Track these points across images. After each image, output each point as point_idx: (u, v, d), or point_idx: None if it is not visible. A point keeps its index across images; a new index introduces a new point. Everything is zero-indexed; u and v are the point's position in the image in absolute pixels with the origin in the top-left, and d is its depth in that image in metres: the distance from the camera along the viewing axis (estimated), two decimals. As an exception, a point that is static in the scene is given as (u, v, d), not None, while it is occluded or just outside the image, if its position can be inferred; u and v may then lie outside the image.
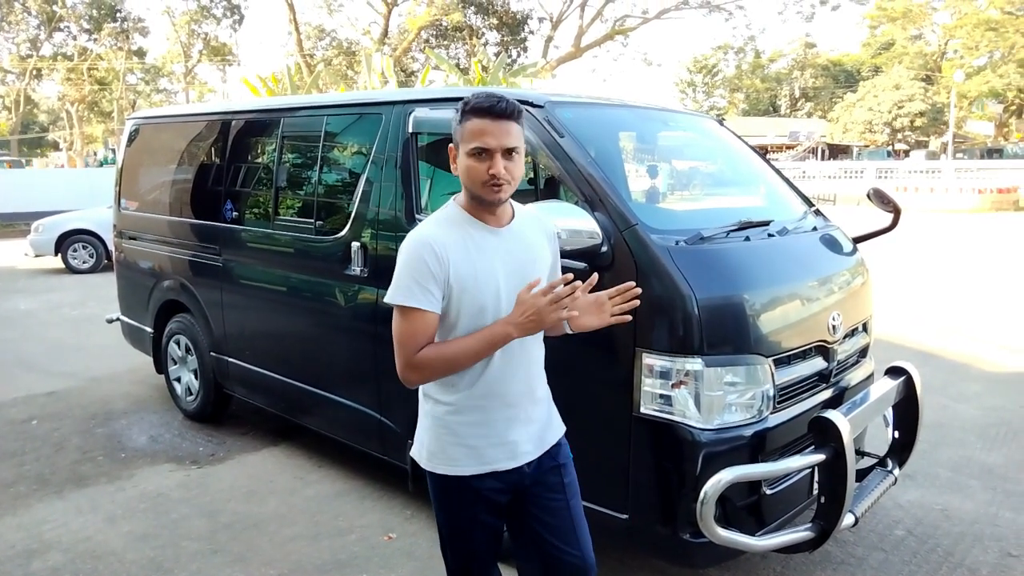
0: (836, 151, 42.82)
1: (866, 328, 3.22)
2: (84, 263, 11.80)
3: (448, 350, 1.71)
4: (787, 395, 2.60)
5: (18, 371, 6.06)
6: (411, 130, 3.18)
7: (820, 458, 2.43)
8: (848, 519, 2.50)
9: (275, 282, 3.94)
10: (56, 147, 49.01)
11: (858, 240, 3.40)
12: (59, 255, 11.71)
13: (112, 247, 5.75)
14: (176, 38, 40.82)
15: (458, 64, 24.36)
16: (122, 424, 4.77)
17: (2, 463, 4.16)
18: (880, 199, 3.39)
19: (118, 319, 5.55)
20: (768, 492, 2.54)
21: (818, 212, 3.44)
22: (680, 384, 2.37)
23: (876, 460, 3.01)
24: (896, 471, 2.93)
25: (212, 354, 4.44)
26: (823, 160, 38.32)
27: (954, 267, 11.48)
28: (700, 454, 2.35)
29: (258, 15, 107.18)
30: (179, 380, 4.87)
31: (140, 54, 43.07)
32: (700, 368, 2.35)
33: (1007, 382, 5.53)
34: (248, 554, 3.16)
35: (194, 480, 3.91)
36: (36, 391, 5.48)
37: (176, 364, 4.87)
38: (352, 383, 3.55)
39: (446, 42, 31.11)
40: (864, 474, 2.88)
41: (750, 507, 2.53)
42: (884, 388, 2.85)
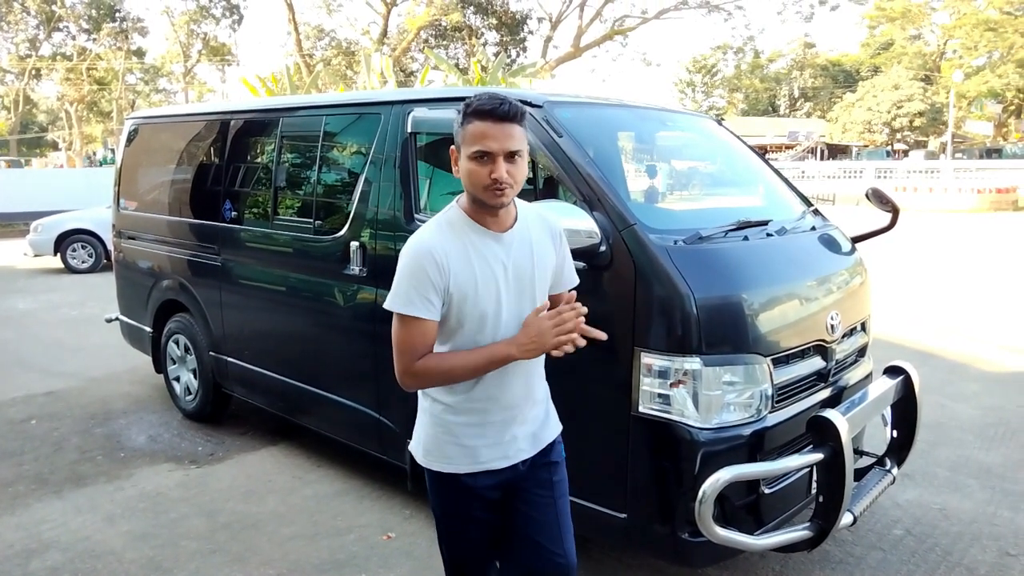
0: (835, 151, 42.83)
1: (864, 328, 3.22)
2: (83, 263, 11.79)
3: (447, 364, 1.72)
4: (785, 394, 2.60)
5: (17, 371, 6.06)
6: (410, 130, 3.18)
7: (818, 457, 2.44)
8: (846, 518, 2.50)
9: (274, 282, 3.94)
10: (55, 147, 49.00)
11: (857, 240, 3.41)
12: (58, 255, 11.71)
13: (111, 247, 5.75)
14: (175, 38, 40.84)
15: (457, 64, 24.36)
16: (121, 424, 4.77)
17: (1, 463, 4.16)
18: (879, 199, 3.39)
19: (117, 319, 5.55)
20: (766, 491, 2.54)
21: (817, 212, 3.44)
22: (679, 383, 2.38)
23: (874, 459, 3.01)
24: (894, 470, 2.93)
25: (211, 354, 4.44)
26: (822, 160, 38.34)
27: (953, 267, 11.49)
28: (698, 453, 2.36)
29: (257, 15, 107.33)
30: (178, 380, 4.87)
31: (139, 54, 43.07)
32: (698, 367, 2.35)
33: (1005, 382, 5.54)
34: (247, 553, 3.16)
35: (193, 480, 3.91)
36: (35, 391, 5.48)
37: (175, 364, 4.87)
38: (351, 383, 3.55)
39: (445, 42, 31.13)
40: (862, 473, 2.88)
41: (748, 506, 2.53)
42: (882, 387, 2.85)
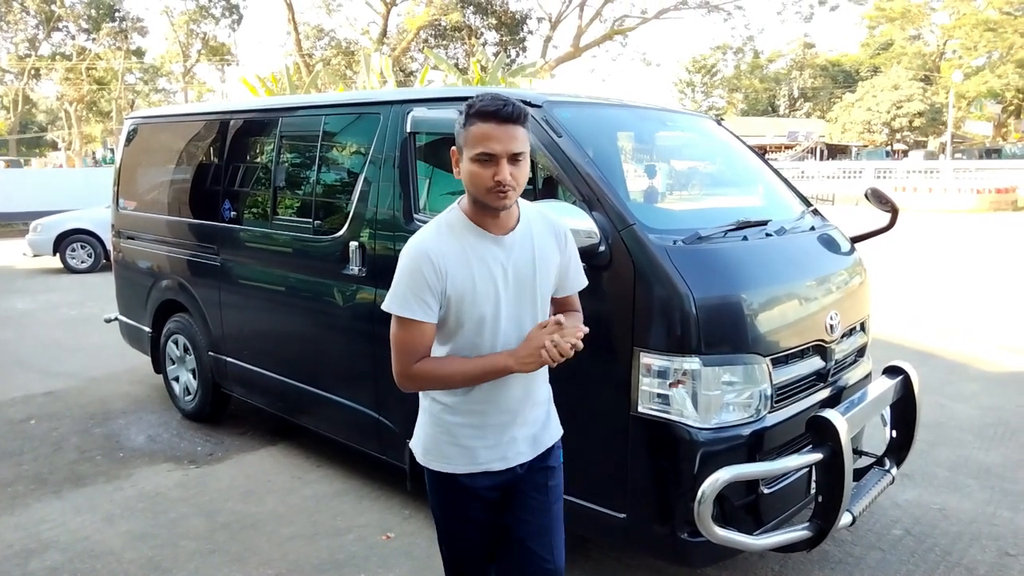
0: (835, 151, 42.84)
1: (864, 328, 3.22)
2: (82, 263, 11.79)
3: (444, 370, 1.72)
4: (785, 394, 2.60)
5: (16, 371, 6.05)
6: (409, 130, 3.18)
7: (818, 457, 2.44)
8: (845, 518, 2.50)
9: (273, 282, 3.93)
10: (55, 147, 48.99)
11: (856, 240, 3.40)
12: (57, 255, 11.70)
13: (110, 247, 5.75)
14: (175, 38, 40.83)
15: (457, 64, 24.37)
16: (120, 424, 4.77)
17: (0, 463, 4.15)
18: (878, 199, 3.39)
19: (116, 319, 5.55)
20: (766, 491, 2.54)
21: (816, 212, 3.44)
22: (678, 383, 2.38)
23: (874, 459, 3.01)
24: (894, 470, 2.93)
25: (210, 354, 4.44)
26: (822, 160, 38.36)
27: (952, 267, 11.50)
28: (698, 453, 2.36)
29: (257, 15, 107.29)
30: (177, 380, 4.86)
31: (139, 54, 43.07)
32: (698, 367, 2.35)
33: (1005, 382, 5.54)
34: (246, 554, 3.16)
35: (192, 480, 3.91)
36: (34, 391, 5.47)
37: (174, 364, 4.87)
38: (350, 382, 3.55)
39: (445, 42, 31.13)
40: (862, 473, 2.88)
41: (748, 506, 2.53)
42: (882, 387, 2.85)
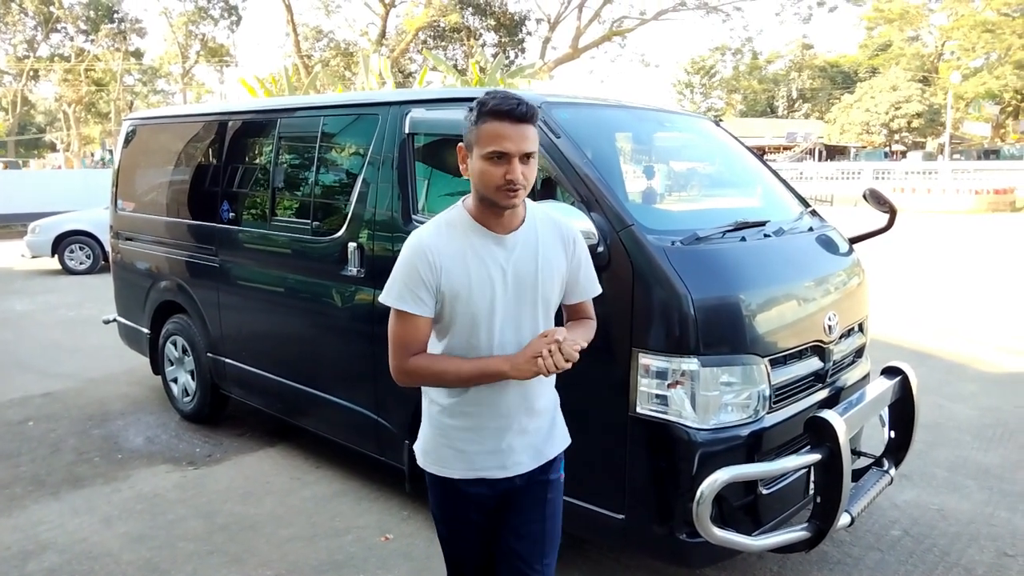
0: (833, 152, 42.91)
1: (862, 328, 3.23)
2: (81, 264, 11.78)
3: (438, 367, 1.72)
4: (783, 395, 2.60)
5: (14, 372, 6.04)
6: (408, 131, 3.18)
7: (816, 458, 2.44)
8: (844, 519, 2.51)
9: (272, 283, 3.93)
10: (53, 148, 48.99)
11: (854, 240, 3.41)
12: (56, 256, 11.69)
13: (109, 248, 5.74)
14: (173, 39, 40.84)
15: (456, 65, 24.37)
16: (119, 425, 4.76)
17: (-2, 464, 4.15)
18: (876, 200, 3.39)
19: (115, 320, 5.54)
20: (764, 492, 2.55)
21: (814, 213, 3.44)
22: (676, 384, 2.38)
23: (872, 460, 3.01)
24: (892, 471, 2.94)
25: (209, 355, 4.43)
26: (820, 161, 38.42)
27: (951, 268, 11.51)
28: (696, 454, 2.36)
29: (256, 16, 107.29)
30: (176, 381, 4.86)
31: (137, 55, 43.07)
32: (696, 368, 2.36)
33: (1003, 383, 5.54)
34: (244, 555, 3.16)
35: (191, 481, 3.91)
36: (32, 392, 5.47)
37: (173, 365, 4.86)
38: (349, 384, 3.55)
39: (444, 43, 31.12)
40: (860, 474, 2.89)
41: (746, 507, 2.53)
42: (880, 388, 2.86)
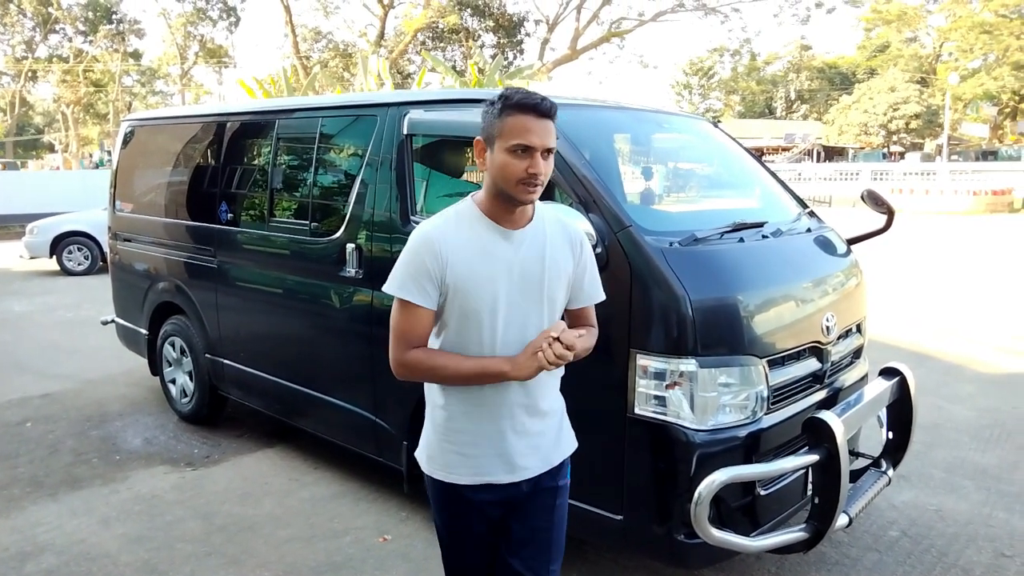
0: (832, 153, 42.94)
1: (860, 329, 3.23)
2: (79, 265, 11.76)
3: (437, 361, 1.70)
4: (781, 396, 2.61)
5: (13, 373, 6.04)
6: (406, 132, 3.18)
7: (814, 459, 2.44)
8: (842, 520, 2.51)
9: (270, 284, 3.93)
10: (52, 149, 48.94)
11: (852, 241, 3.41)
12: (54, 257, 11.67)
13: (107, 249, 5.74)
14: (172, 40, 40.83)
15: (454, 66, 24.35)
16: (117, 426, 4.76)
17: (-4, 465, 4.15)
18: (874, 201, 3.39)
19: (113, 321, 5.54)
20: (762, 493, 2.55)
21: (812, 214, 3.45)
22: (674, 385, 2.38)
23: (870, 461, 3.02)
24: (890, 472, 2.94)
25: (207, 356, 4.43)
26: (819, 162, 38.43)
27: (949, 269, 11.52)
28: (694, 455, 2.36)
29: (254, 17, 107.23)
30: (174, 382, 4.86)
31: (136, 56, 43.06)
32: (694, 369, 2.36)
33: (1001, 383, 5.55)
34: (243, 556, 3.15)
35: (189, 482, 3.91)
36: (31, 393, 5.46)
37: (171, 366, 4.86)
38: (347, 385, 3.55)
39: (442, 44, 31.12)
40: (858, 475, 2.89)
41: (744, 508, 2.53)
42: (878, 389, 2.86)
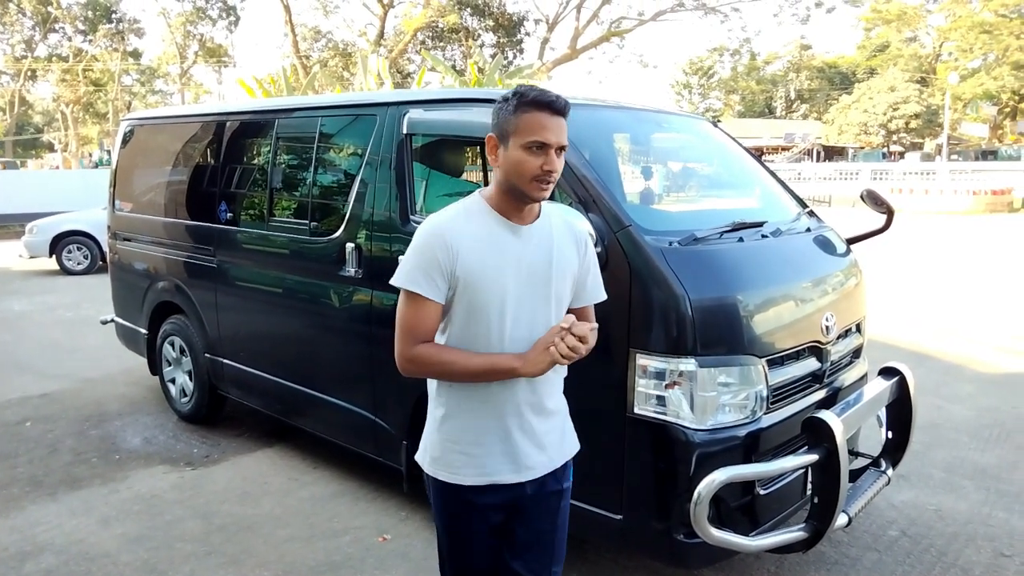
0: (831, 153, 42.95)
1: (859, 329, 3.23)
2: (79, 264, 11.76)
3: (446, 356, 1.68)
4: (781, 396, 2.61)
5: (12, 373, 6.03)
6: (406, 131, 3.18)
7: (813, 458, 2.44)
8: (842, 519, 2.51)
9: (270, 283, 3.93)
10: (51, 148, 48.91)
11: (852, 241, 3.41)
12: (53, 256, 11.67)
13: (107, 248, 5.73)
14: (172, 39, 40.81)
15: (454, 66, 24.36)
16: (116, 426, 4.75)
17: (-5, 465, 4.15)
18: (873, 200, 3.39)
19: (112, 320, 5.54)
20: (762, 492, 2.55)
21: (812, 213, 3.45)
22: (674, 385, 2.38)
23: (870, 460, 3.02)
24: (890, 471, 2.94)
25: (206, 356, 4.43)
26: (818, 162, 38.44)
27: (949, 269, 11.52)
28: (694, 454, 2.36)
29: (254, 16, 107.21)
30: (173, 382, 4.85)
31: (135, 55, 43.03)
32: (694, 369, 2.36)
33: (1000, 383, 5.55)
34: (242, 556, 3.15)
35: (188, 482, 3.90)
36: (30, 393, 5.46)
37: (170, 366, 4.86)
38: (346, 384, 3.55)
39: (442, 44, 31.11)
40: (858, 474, 2.89)
41: (744, 507, 2.53)
42: (877, 389, 2.86)
